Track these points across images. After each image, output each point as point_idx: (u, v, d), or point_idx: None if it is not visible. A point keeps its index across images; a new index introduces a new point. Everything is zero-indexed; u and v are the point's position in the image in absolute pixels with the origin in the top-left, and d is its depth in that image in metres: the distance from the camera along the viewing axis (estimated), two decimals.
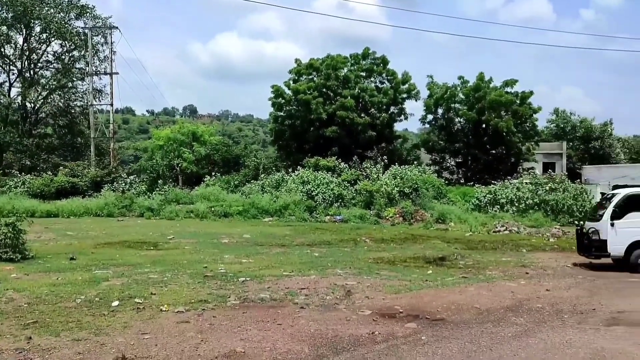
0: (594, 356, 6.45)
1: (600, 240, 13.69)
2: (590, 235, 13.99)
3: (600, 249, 13.71)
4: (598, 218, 14.21)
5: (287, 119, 38.90)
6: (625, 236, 13.55)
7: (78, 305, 8.72)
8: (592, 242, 13.91)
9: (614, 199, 14.22)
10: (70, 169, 37.03)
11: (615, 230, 13.54)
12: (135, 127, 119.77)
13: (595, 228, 13.94)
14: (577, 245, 15.06)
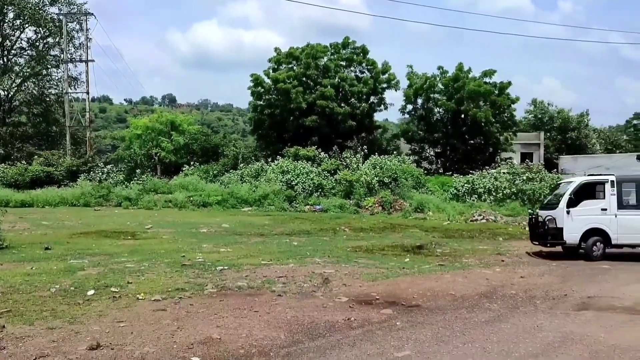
0: (563, 339, 6.60)
1: (556, 228, 13.78)
2: (546, 223, 14.00)
3: (556, 236, 13.83)
4: (554, 206, 14.27)
5: (266, 108, 38.69)
6: (581, 224, 13.67)
7: (53, 295, 8.63)
8: (548, 230, 13.95)
9: (569, 187, 14.24)
10: (45, 158, 36.46)
11: (571, 218, 13.65)
12: (113, 116, 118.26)
13: (552, 216, 13.95)
14: (530, 233, 15.17)
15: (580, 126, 56.81)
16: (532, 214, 15.49)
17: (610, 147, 59.18)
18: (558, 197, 14.60)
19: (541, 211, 14.80)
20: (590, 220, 13.71)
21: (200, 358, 5.84)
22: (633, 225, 13.56)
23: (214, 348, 6.16)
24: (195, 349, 6.13)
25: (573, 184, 14.33)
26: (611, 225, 13.62)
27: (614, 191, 13.73)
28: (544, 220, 14.13)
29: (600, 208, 13.78)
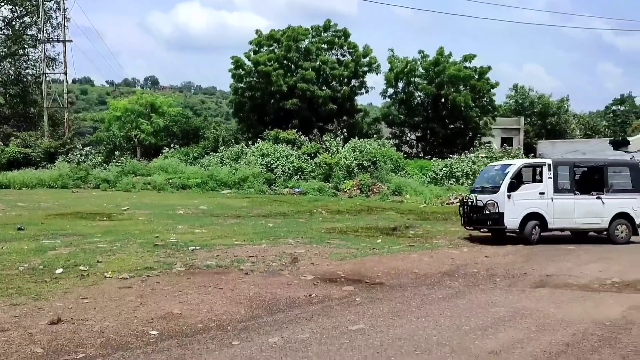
0: (514, 314, 6.84)
1: (498, 213, 13.34)
2: (487, 207, 13.50)
3: (497, 221, 13.41)
4: (494, 190, 13.75)
5: (247, 91, 38.54)
6: (521, 208, 13.37)
7: (21, 273, 8.70)
8: (490, 215, 13.46)
9: (509, 170, 13.81)
10: (22, 140, 36.08)
11: (512, 202, 13.30)
12: (94, 98, 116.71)
13: (494, 200, 13.43)
14: (463, 218, 14.53)
15: (560, 112, 57.42)
16: (466, 199, 14.71)
17: (590, 132, 59.94)
18: (496, 181, 14.07)
19: (479, 195, 13.96)
20: (530, 205, 13.45)
21: (158, 332, 5.98)
22: (566, 209, 13.60)
23: (173, 322, 6.30)
24: (155, 323, 6.27)
25: (513, 167, 13.93)
26: (548, 210, 13.49)
27: (550, 175, 13.58)
28: (484, 204, 13.54)
29: (539, 192, 13.60)
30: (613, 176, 14.42)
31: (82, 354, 5.31)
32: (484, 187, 14.56)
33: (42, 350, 5.37)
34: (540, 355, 5.41)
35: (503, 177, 13.71)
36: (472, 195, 14.49)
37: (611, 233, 13.97)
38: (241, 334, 5.97)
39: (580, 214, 13.74)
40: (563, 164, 14.23)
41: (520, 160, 15.51)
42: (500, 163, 16.36)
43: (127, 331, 5.98)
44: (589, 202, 13.81)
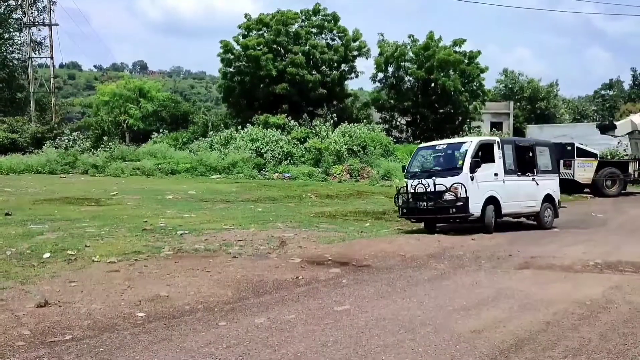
0: (497, 295, 6.96)
1: (464, 198, 11.73)
2: (449, 191, 11.83)
3: (462, 208, 11.80)
4: (453, 171, 12.15)
5: (236, 75, 38.25)
6: (482, 191, 12.09)
7: (7, 257, 8.69)
8: (454, 201, 11.81)
9: (467, 147, 12.33)
10: (9, 125, 35.73)
11: (476, 185, 11.91)
12: (82, 82, 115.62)
13: (460, 182, 11.78)
14: (401, 209, 12.88)
15: (549, 96, 57.72)
16: (413, 186, 12.48)
17: (579, 117, 60.35)
18: (452, 162, 12.59)
19: (438, 179, 11.97)
20: (489, 187, 12.24)
21: (145, 314, 6.04)
22: (514, 192, 12.78)
23: (160, 305, 6.36)
24: (142, 305, 6.32)
25: (471, 144, 12.41)
26: (501, 193, 12.44)
27: (500, 154, 12.57)
28: (447, 188, 11.83)
29: (494, 173, 12.46)
30: (540, 157, 13.80)
31: (69, 336, 5.36)
32: (434, 170, 12.74)
33: (30, 333, 5.41)
34: (522, 333, 5.52)
35: (461, 157, 12.16)
36: (421, 180, 12.15)
37: (541, 217, 13.42)
38: (228, 315, 6.03)
39: (523, 196, 13.00)
40: (508, 142, 13.43)
41: (474, 137, 14.40)
42: (441, 142, 14.33)
43: (115, 313, 6.03)
44: (528, 184, 13.18)
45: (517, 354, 5.00)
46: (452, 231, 12.60)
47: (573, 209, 18.24)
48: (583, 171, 23.99)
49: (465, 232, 12.23)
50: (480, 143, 12.66)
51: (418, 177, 12.51)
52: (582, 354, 4.99)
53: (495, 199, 12.33)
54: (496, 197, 12.34)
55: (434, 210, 12.11)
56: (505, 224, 13.46)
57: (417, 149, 14.25)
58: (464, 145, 12.65)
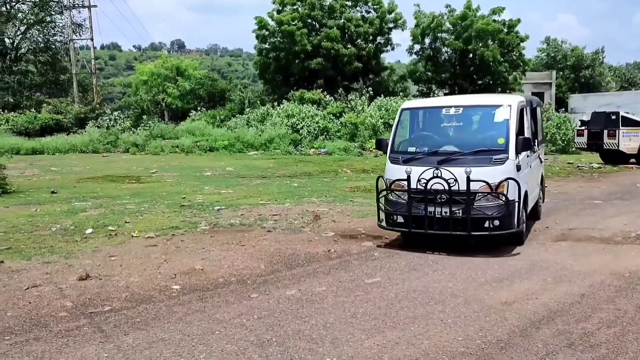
0: (531, 267, 6.87)
1: (511, 203, 7.39)
2: (494, 194, 7.31)
3: (507, 221, 7.42)
4: (489, 156, 7.55)
5: (272, 52, 38.26)
6: (523, 186, 7.80)
7: (53, 233, 9.03)
8: (497, 210, 7.31)
9: (507, 114, 7.85)
10: (54, 106, 36.80)
11: (521, 177, 7.75)
12: (122, 63, 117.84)
13: (510, 177, 7.40)
14: (391, 216, 7.98)
15: (594, 64, 55.69)
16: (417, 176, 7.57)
17: (626, 85, 58.05)
18: (480, 139, 8.15)
19: (471, 168, 7.27)
20: (524, 178, 8.09)
21: (180, 286, 6.22)
22: (531, 178, 9.00)
23: (195, 277, 6.53)
24: (178, 278, 6.51)
25: (511, 108, 7.88)
26: (528, 182, 8.55)
27: (528, 121, 8.83)
28: (494, 186, 7.32)
29: (527, 154, 8.45)
30: (539, 121, 10.60)
31: (108, 307, 5.57)
32: (452, 152, 7.85)
33: (72, 304, 5.65)
34: (554, 306, 5.46)
35: (499, 130, 7.81)
36: (439, 170, 7.41)
37: (539, 207, 10.37)
38: (260, 287, 6.16)
39: (535, 183, 9.55)
40: (529, 102, 9.28)
41: (502, 96, 9.97)
42: (451, 101, 9.23)
43: (151, 286, 6.23)
44: (537, 163, 9.82)
45: (548, 325, 4.96)
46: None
47: (617, 180, 17.67)
48: (628, 141, 23.10)
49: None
50: (521, 105, 8.21)
51: (421, 162, 7.71)
52: (616, 326, 4.91)
53: (526, 195, 8.13)
54: (527, 191, 8.27)
55: (460, 223, 7.36)
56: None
57: (408, 112, 8.80)
58: (499, 110, 7.97)
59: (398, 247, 8.11)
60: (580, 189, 14.19)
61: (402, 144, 8.48)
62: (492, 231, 7.40)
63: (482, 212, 7.33)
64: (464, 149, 7.79)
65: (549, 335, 4.74)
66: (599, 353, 4.39)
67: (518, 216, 7.56)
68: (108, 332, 4.93)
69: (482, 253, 7.60)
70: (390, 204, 8.00)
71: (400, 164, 7.92)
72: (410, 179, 7.57)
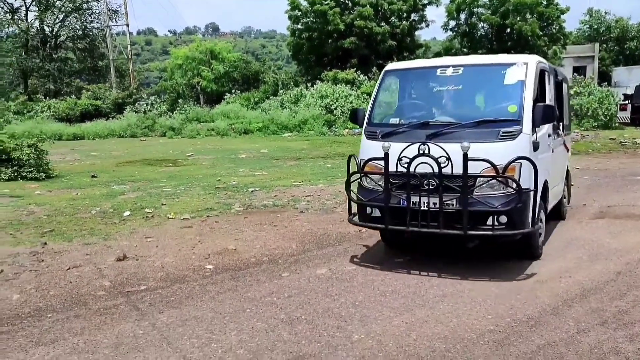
0: (566, 244, 6.77)
1: (525, 193, 5.51)
2: (503, 179, 5.46)
3: (518, 217, 5.57)
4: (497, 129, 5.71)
5: (304, 32, 38.17)
6: (542, 171, 5.88)
7: (93, 216, 9.32)
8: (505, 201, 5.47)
9: (522, 75, 6.04)
10: (93, 92, 37.66)
11: (537, 159, 5.79)
12: (158, 48, 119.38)
13: (524, 156, 5.54)
14: (363, 209, 6.31)
15: None
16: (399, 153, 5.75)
17: None
18: (484, 109, 6.35)
19: (472, 144, 5.40)
20: (544, 163, 6.35)
21: (213, 266, 6.36)
22: (555, 166, 7.25)
23: (228, 257, 6.67)
24: (211, 258, 6.65)
25: (528, 69, 6.08)
26: (551, 170, 6.87)
27: (550, 91, 6.91)
28: (502, 170, 5.41)
29: (549, 132, 6.70)
30: (565, 98, 8.42)
31: (144, 286, 5.75)
32: (447, 124, 6.01)
33: (110, 283, 5.86)
34: (588, 283, 5.37)
35: (512, 96, 6.02)
36: (426, 146, 5.62)
37: (563, 202, 8.31)
38: (291, 267, 6.25)
39: (559, 173, 7.89)
40: (551, 70, 7.11)
41: (515, 56, 6.70)
42: (450, 60, 6.83)
43: (185, 266, 6.39)
44: (562, 149, 7.98)
45: (581, 303, 4.89)
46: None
47: None
48: None
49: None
50: (541, 67, 6.45)
51: (405, 136, 5.95)
52: None
53: (546, 185, 6.42)
54: (548, 181, 6.53)
55: (453, 218, 5.59)
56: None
57: (393, 75, 7.14)
58: (511, 69, 6.13)
59: None
60: (622, 165, 13.77)
61: (383, 115, 6.78)
62: (497, 230, 5.46)
63: (484, 203, 5.44)
64: (463, 120, 5.91)
65: (581, 313, 4.68)
66: (632, 331, 4.31)
67: (534, 212, 5.63)
68: (144, 310, 5.10)
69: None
70: (363, 192, 6.25)
71: (378, 140, 6.15)
72: (389, 158, 5.71)
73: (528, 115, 5.72)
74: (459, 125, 5.86)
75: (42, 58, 43.39)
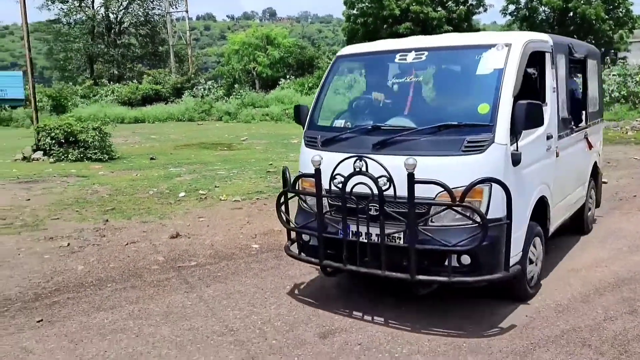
0: (606, 235, 6.75)
1: (497, 225, 4.15)
2: (461, 205, 4.07)
3: (487, 259, 4.20)
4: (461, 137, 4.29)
5: (360, 17, 38.12)
6: (528, 194, 4.77)
7: (150, 196, 9.90)
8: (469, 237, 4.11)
9: (501, 63, 4.51)
10: (153, 77, 39.01)
11: (522, 177, 4.53)
12: (216, 33, 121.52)
13: (490, 178, 4.12)
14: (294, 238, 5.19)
15: None
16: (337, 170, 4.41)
17: None
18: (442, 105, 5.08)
19: (420, 158, 4.07)
20: (538, 177, 5.02)
21: (259, 246, 6.75)
22: (569, 173, 5.90)
23: (273, 238, 7.04)
24: (257, 238, 7.05)
25: (510, 53, 4.53)
26: (554, 183, 5.34)
27: (554, 79, 5.23)
28: (460, 197, 4.04)
29: (546, 134, 5.04)
30: (591, 81, 6.70)
31: (194, 262, 6.20)
32: (400, 129, 4.60)
33: (163, 259, 6.34)
34: (624, 273, 5.41)
35: (485, 90, 4.55)
36: (363, 159, 4.23)
37: (586, 212, 6.80)
38: None
39: (574, 181, 6.15)
40: (561, 47, 5.54)
41: (498, 33, 5.98)
42: (412, 42, 5.23)
43: (233, 245, 6.81)
44: (581, 149, 6.29)
45: (613, 292, 4.96)
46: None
47: None
48: None
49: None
50: (532, 48, 4.79)
51: (348, 145, 4.74)
52: None
53: (544, 201, 5.07)
54: (545, 197, 5.07)
55: (401, 255, 4.30)
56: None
57: (346, 63, 5.94)
58: (487, 54, 4.61)
59: None
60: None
61: (331, 116, 5.42)
62: (455, 276, 4.14)
63: (438, 240, 4.10)
64: (422, 124, 4.48)
65: (611, 302, 4.76)
66: None
67: (508, 250, 4.19)
68: (192, 283, 5.54)
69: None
70: (302, 215, 5.04)
71: (317, 148, 4.90)
72: (321, 175, 4.45)
73: (504, 119, 4.23)
74: (414, 131, 4.45)
75: (107, 44, 45.27)
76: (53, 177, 11.89)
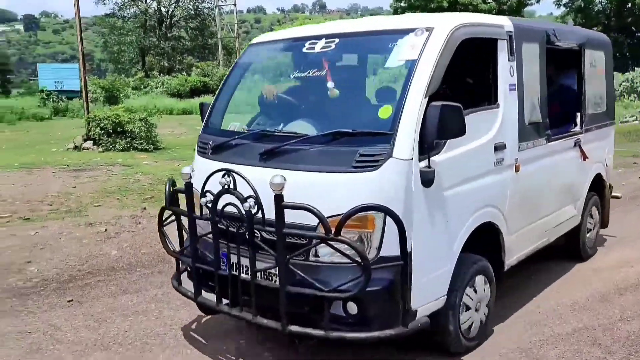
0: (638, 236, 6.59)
1: (391, 266, 3.25)
2: (339, 240, 3.10)
3: (375, 313, 3.29)
4: (353, 150, 3.32)
5: (407, 10, 37.79)
6: (456, 224, 3.71)
7: None
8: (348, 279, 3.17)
9: (416, 53, 3.49)
10: (201, 69, 39.84)
11: (437, 203, 3.51)
12: (266, 25, 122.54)
13: (379, 205, 3.15)
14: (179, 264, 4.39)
15: None
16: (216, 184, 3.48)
17: None
18: (341, 110, 3.93)
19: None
20: (478, 200, 3.94)
21: None
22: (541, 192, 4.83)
23: None
24: None
25: (428, 40, 3.51)
26: (510, 204, 4.23)
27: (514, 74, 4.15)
28: (333, 230, 3.08)
29: (494, 143, 3.95)
30: (589, 78, 5.43)
31: None
32: (292, 135, 3.64)
33: None
34: None
35: (389, 87, 4.00)
36: (231, 175, 3.38)
37: (582, 233, 5.70)
38: None
39: (554, 201, 5.03)
40: (531, 35, 4.45)
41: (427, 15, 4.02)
42: (318, 29, 4.23)
43: None
44: (568, 161, 5.16)
45: (634, 293, 4.88)
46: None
47: None
48: None
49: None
50: (462, 37, 3.62)
51: (235, 153, 3.88)
52: None
53: (493, 227, 4.07)
54: (494, 223, 4.05)
55: (273, 298, 3.28)
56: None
57: (257, 51, 4.66)
58: (403, 42, 3.58)
59: None
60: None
61: (231, 115, 4.43)
62: (335, 330, 3.23)
63: (317, 279, 3.22)
64: (319, 130, 3.62)
65: (630, 302, 4.67)
66: None
67: (405, 299, 3.25)
68: None
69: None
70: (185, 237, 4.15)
71: (207, 156, 4.13)
72: (192, 190, 3.80)
73: (408, 125, 3.27)
74: (305, 139, 3.55)
75: (158, 37, 46.49)
76: (100, 166, 12.41)
